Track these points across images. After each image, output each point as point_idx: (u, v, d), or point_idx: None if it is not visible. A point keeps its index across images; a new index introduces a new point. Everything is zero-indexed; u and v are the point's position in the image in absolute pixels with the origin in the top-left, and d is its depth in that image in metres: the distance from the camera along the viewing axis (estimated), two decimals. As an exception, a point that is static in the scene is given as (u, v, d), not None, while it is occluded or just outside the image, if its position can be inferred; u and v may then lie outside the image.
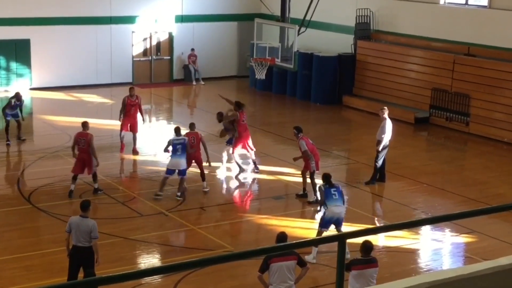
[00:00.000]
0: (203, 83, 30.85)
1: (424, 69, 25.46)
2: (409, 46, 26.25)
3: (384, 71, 26.70)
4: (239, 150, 18.66)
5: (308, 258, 13.06)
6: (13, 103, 20.62)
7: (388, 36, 27.42)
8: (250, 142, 18.74)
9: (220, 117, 18.59)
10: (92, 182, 16.96)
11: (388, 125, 17.87)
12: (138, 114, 20.34)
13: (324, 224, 13.68)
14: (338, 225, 13.73)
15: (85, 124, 16.93)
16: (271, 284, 10.60)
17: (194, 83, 30.89)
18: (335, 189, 13.72)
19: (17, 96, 20.78)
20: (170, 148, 16.85)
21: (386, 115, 17.97)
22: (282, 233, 10.90)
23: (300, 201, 17.09)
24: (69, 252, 11.89)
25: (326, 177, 14.01)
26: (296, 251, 10.77)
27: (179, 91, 30.75)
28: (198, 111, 27.17)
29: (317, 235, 13.60)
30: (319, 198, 16.47)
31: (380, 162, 18.13)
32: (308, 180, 16.91)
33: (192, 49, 30.91)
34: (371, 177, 18.29)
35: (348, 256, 12.27)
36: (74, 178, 16.70)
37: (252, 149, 18.78)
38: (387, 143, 18.07)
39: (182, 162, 16.82)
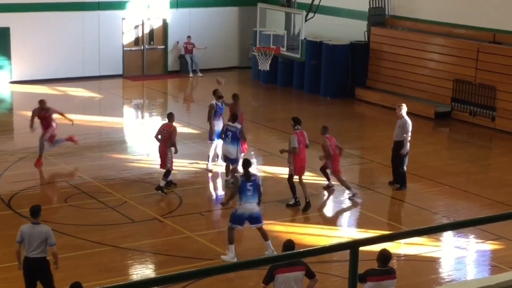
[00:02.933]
0: (201, 75, 30.86)
1: (445, 58, 25.42)
2: (428, 33, 26.22)
3: (401, 61, 26.67)
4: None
5: (226, 258, 13.78)
6: None
7: (405, 22, 27.38)
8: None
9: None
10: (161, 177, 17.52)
11: (409, 124, 17.78)
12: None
13: (235, 220, 14.01)
14: (253, 222, 14.13)
15: (169, 115, 17.83)
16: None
17: (191, 75, 30.90)
18: (251, 183, 13.95)
19: None
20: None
21: (404, 112, 17.87)
22: (289, 241, 10.90)
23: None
24: (21, 264, 11.87)
25: (245, 165, 14.31)
26: (304, 261, 10.77)
27: (174, 84, 30.75)
28: (196, 105, 27.18)
29: (229, 232, 13.99)
30: (295, 201, 16.76)
31: (405, 167, 17.99)
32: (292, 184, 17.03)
33: (189, 37, 30.92)
34: (401, 184, 18.13)
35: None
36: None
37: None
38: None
39: (232, 150, 17.44)
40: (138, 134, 23.26)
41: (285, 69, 29.20)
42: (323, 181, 18.06)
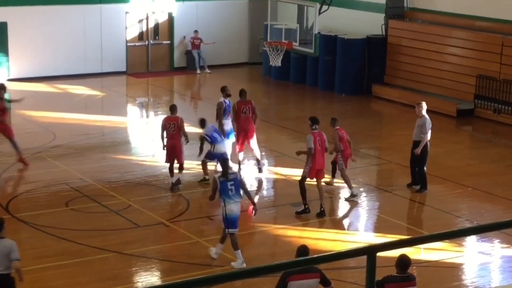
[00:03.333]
0: (209, 71, 30.87)
1: (468, 53, 25.34)
2: (449, 26, 26.14)
3: (421, 56, 26.60)
4: (240, 147, 18.88)
5: (235, 264, 13.93)
6: None
7: (425, 15, 27.32)
8: (252, 140, 18.75)
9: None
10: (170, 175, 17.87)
11: (429, 123, 17.73)
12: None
13: (229, 225, 14.00)
14: None
15: (173, 108, 18.13)
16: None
17: (198, 71, 30.92)
18: (231, 182, 13.98)
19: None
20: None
21: (424, 111, 17.82)
22: (303, 246, 10.88)
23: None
24: None
25: (223, 164, 14.44)
26: (318, 268, 10.75)
27: (181, 81, 30.76)
28: (204, 103, 27.18)
29: (231, 239, 13.99)
30: (304, 208, 16.49)
31: (425, 167, 17.93)
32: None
33: (196, 31, 30.94)
34: (421, 185, 18.10)
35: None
36: (172, 170, 17.79)
37: (253, 149, 18.81)
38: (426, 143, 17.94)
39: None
40: (142, 134, 23.26)
41: (297, 65, 29.17)
42: (340, 183, 18.02)
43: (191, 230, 15.75)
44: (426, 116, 17.83)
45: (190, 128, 22.66)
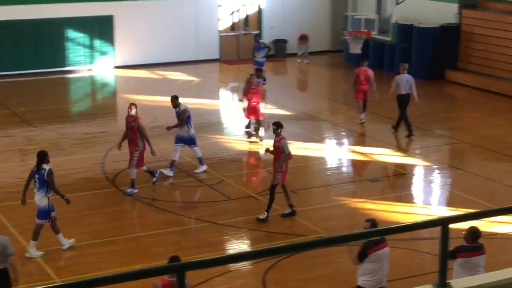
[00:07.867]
0: (306, 61, 30.52)
1: (537, 39, 24.64)
2: (520, 15, 25.46)
3: (493, 43, 25.97)
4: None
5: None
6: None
7: (497, 4, 26.63)
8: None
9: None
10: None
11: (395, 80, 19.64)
12: None
13: (38, 214, 13.27)
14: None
15: (259, 73, 20.65)
16: (365, 275, 10.41)
17: (298, 60, 30.60)
18: (38, 175, 13.11)
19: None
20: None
21: (403, 70, 19.93)
22: (372, 220, 10.54)
23: (397, 184, 16.85)
24: None
25: (38, 156, 13.22)
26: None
27: (268, 67, 30.73)
28: (289, 88, 27.09)
29: (36, 228, 13.13)
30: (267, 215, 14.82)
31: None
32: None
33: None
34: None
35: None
36: (249, 123, 19.82)
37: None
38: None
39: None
40: (234, 116, 23.36)
41: (376, 52, 28.83)
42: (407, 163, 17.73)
43: (277, 202, 15.71)
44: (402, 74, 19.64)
45: (277, 110, 22.67)
